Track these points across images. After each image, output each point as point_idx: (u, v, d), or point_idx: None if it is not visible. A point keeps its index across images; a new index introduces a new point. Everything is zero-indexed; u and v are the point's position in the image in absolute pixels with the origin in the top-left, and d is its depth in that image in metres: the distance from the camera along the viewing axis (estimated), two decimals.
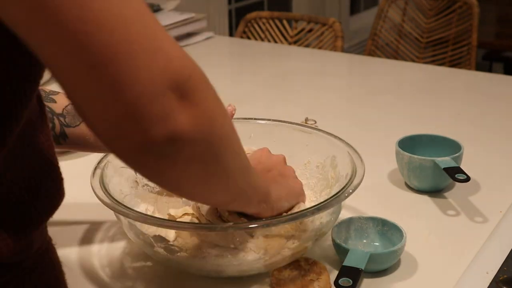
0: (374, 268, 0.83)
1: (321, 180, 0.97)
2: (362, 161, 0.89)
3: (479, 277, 0.82)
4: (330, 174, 0.95)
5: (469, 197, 1.04)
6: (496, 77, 1.78)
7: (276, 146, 0.91)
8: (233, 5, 3.30)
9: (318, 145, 0.98)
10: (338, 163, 0.94)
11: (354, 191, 0.82)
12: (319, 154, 0.98)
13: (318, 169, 0.98)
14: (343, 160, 0.92)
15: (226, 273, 0.82)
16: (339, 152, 0.94)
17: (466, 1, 2.47)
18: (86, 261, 0.88)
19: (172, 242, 0.81)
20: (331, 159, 0.96)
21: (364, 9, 4.44)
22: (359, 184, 0.83)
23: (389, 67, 1.88)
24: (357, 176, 0.85)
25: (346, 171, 0.89)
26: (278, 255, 0.81)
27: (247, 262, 0.79)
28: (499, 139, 1.29)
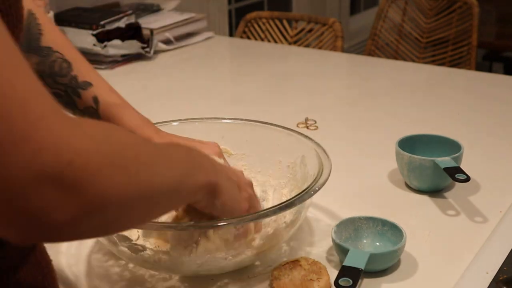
0: (374, 268, 0.83)
1: (291, 180, 0.98)
2: (329, 160, 0.89)
3: (479, 277, 0.82)
4: (299, 174, 0.96)
5: (469, 197, 1.04)
6: (496, 77, 1.78)
7: (248, 145, 0.91)
8: (233, 5, 3.30)
9: (288, 144, 0.99)
10: (307, 163, 0.95)
11: (318, 191, 0.83)
12: (290, 154, 0.99)
13: (289, 169, 0.99)
14: (311, 160, 0.93)
15: (190, 271, 0.83)
16: (308, 152, 0.95)
17: (466, 1, 2.47)
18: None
19: (135, 241, 0.82)
20: (301, 158, 0.97)
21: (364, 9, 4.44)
22: (323, 184, 0.84)
23: (389, 67, 1.88)
24: (322, 175, 0.86)
25: (314, 170, 0.90)
26: (242, 254, 0.81)
27: (211, 260, 0.80)
28: (499, 139, 1.29)
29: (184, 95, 1.62)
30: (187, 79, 1.76)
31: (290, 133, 1.00)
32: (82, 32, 1.86)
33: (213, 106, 1.52)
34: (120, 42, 1.86)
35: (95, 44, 1.83)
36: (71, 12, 1.97)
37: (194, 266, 0.81)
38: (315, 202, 1.03)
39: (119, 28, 1.90)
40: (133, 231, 0.84)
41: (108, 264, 0.88)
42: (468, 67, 2.46)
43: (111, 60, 1.85)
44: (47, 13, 1.66)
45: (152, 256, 0.80)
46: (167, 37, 2.02)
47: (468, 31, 2.47)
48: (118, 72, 1.82)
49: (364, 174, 1.15)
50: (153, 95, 1.64)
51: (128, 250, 0.81)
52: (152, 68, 1.87)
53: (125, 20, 1.92)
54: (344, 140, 1.32)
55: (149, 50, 1.91)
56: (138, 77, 1.80)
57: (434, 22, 2.60)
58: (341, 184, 1.11)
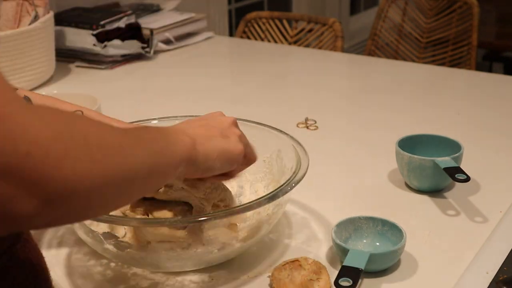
0: (374, 268, 0.83)
1: (267, 174, 0.99)
2: (306, 154, 0.91)
3: (479, 277, 0.82)
4: (275, 168, 0.97)
5: (469, 197, 1.04)
6: (496, 77, 1.78)
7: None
8: (233, 5, 3.30)
9: (264, 139, 1.00)
10: (283, 157, 0.96)
11: (299, 182, 0.84)
12: (265, 149, 0.99)
13: (265, 163, 1.00)
14: (288, 154, 0.95)
15: (178, 267, 0.83)
16: (284, 146, 0.96)
17: (466, 1, 2.47)
18: None
19: (122, 238, 0.82)
20: (277, 153, 0.98)
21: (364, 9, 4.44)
22: (303, 176, 0.85)
23: (389, 67, 1.88)
24: (301, 169, 0.87)
25: (291, 164, 0.91)
26: (228, 247, 0.82)
27: (197, 255, 0.81)
28: (499, 139, 1.29)
29: (184, 95, 1.62)
30: (187, 79, 1.76)
31: (264, 128, 1.02)
32: (82, 32, 1.86)
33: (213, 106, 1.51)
34: (120, 42, 1.86)
35: (95, 44, 1.83)
36: (71, 12, 1.97)
37: (180, 261, 0.82)
38: (315, 201, 1.03)
39: (119, 28, 1.90)
40: (119, 228, 0.84)
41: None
42: (468, 67, 2.46)
43: (111, 60, 1.85)
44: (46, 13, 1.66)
45: (138, 253, 0.80)
46: (167, 37, 2.02)
47: (468, 31, 2.47)
48: (118, 72, 1.82)
49: (364, 174, 1.15)
50: (153, 95, 1.64)
51: (114, 248, 0.81)
52: (152, 68, 1.87)
53: (125, 20, 1.92)
54: (344, 140, 1.32)
55: (149, 50, 1.91)
56: (138, 77, 1.80)
57: (434, 22, 2.60)
58: (341, 184, 1.11)
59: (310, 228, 0.96)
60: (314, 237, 0.93)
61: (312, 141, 1.29)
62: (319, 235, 0.93)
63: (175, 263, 0.83)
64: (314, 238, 0.93)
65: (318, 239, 0.92)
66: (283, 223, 0.97)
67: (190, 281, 0.84)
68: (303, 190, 1.06)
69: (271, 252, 0.89)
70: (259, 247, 0.90)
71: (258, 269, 0.85)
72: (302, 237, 0.93)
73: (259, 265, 0.86)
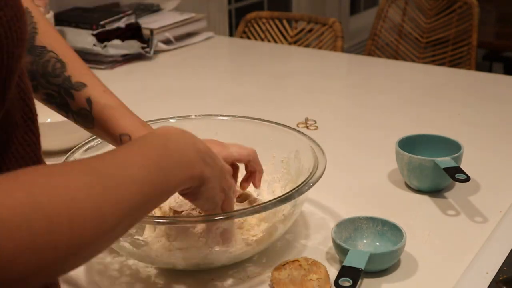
0: (374, 268, 0.83)
1: (285, 175, 0.99)
2: (324, 155, 0.92)
3: (479, 277, 0.82)
4: (293, 168, 0.98)
5: (469, 197, 1.04)
6: (496, 77, 1.78)
7: (242, 142, 0.92)
8: (233, 5, 3.30)
9: (282, 140, 1.01)
10: (301, 158, 0.96)
11: (316, 183, 0.84)
12: (283, 149, 1.00)
13: (282, 164, 1.00)
14: (306, 155, 0.95)
15: (193, 266, 0.83)
16: (302, 147, 0.97)
17: (466, 1, 2.47)
18: None
19: (137, 236, 0.83)
20: (295, 153, 0.98)
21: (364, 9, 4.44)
22: (320, 177, 0.86)
23: (389, 67, 1.88)
24: (318, 169, 0.87)
25: (309, 165, 0.91)
26: (243, 247, 0.82)
27: (212, 254, 0.81)
28: (499, 139, 1.29)
29: (184, 95, 1.62)
30: (187, 79, 1.76)
31: (283, 128, 1.02)
32: (82, 32, 1.86)
33: (213, 106, 1.52)
34: (120, 42, 1.86)
35: (95, 44, 1.83)
36: (71, 12, 1.97)
37: (196, 259, 0.81)
38: (315, 201, 1.03)
39: (119, 28, 1.90)
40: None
41: (107, 261, 0.88)
42: (468, 67, 2.46)
43: (111, 60, 1.85)
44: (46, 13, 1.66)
45: (155, 251, 0.80)
46: (167, 37, 2.02)
47: (468, 31, 2.47)
48: (118, 72, 1.82)
49: (364, 174, 1.15)
50: (153, 95, 1.64)
51: (130, 245, 0.81)
52: (152, 68, 1.87)
53: (125, 20, 1.92)
54: (344, 140, 1.32)
55: (149, 50, 1.91)
56: (138, 77, 1.80)
57: (434, 22, 2.60)
58: (341, 184, 1.11)
59: (310, 228, 0.96)
60: (314, 237, 0.93)
61: None
62: (319, 235, 0.93)
63: (191, 261, 0.82)
64: (314, 238, 0.93)
65: (318, 239, 0.92)
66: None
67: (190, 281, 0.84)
68: None
69: (271, 252, 0.89)
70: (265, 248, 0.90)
71: (258, 269, 0.85)
72: (302, 237, 0.93)
73: (259, 265, 0.86)
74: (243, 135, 1.00)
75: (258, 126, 1.04)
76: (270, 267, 0.85)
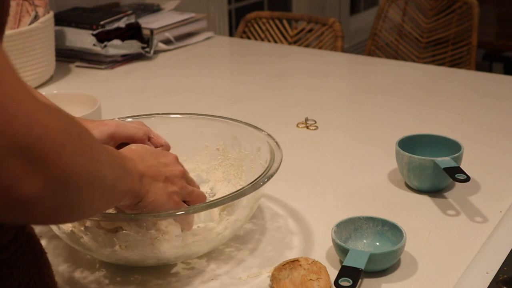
0: (374, 268, 0.83)
1: (224, 161, 1.02)
2: (265, 134, 0.94)
3: (479, 277, 0.82)
4: (232, 154, 1.01)
5: (469, 197, 1.04)
6: (496, 77, 1.78)
7: (169, 138, 0.94)
8: (233, 5, 3.30)
9: (212, 130, 1.04)
10: (241, 142, 1.00)
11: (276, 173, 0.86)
12: (217, 138, 1.03)
13: (218, 152, 1.03)
14: (245, 139, 0.99)
15: (138, 261, 0.83)
16: (238, 132, 1.00)
17: (466, 1, 2.47)
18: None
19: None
20: (232, 139, 1.01)
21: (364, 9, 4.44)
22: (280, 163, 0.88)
23: (389, 67, 1.88)
24: (276, 156, 0.89)
25: (251, 148, 0.97)
26: (192, 244, 0.83)
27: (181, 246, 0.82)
28: (499, 139, 1.29)
29: (184, 95, 1.62)
30: (187, 79, 1.76)
31: (211, 118, 1.05)
32: (82, 32, 1.86)
33: (213, 106, 1.52)
34: (120, 42, 1.86)
35: (95, 44, 1.83)
36: (71, 12, 1.97)
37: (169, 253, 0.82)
38: (315, 201, 1.03)
39: (119, 28, 1.90)
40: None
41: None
42: (468, 67, 2.46)
43: (111, 60, 1.85)
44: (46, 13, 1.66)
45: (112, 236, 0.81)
46: (167, 37, 2.02)
47: (468, 31, 2.47)
48: (118, 72, 1.82)
49: (364, 174, 1.15)
50: (153, 95, 1.64)
51: (67, 237, 0.82)
52: (152, 68, 1.87)
53: (125, 20, 1.92)
54: (344, 140, 1.32)
55: (149, 50, 1.91)
56: (138, 77, 1.80)
57: (434, 22, 2.60)
58: (341, 184, 1.11)
59: (310, 228, 0.96)
60: (314, 237, 0.93)
61: (312, 141, 1.29)
62: (319, 235, 0.93)
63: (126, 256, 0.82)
64: (314, 238, 0.93)
65: (318, 239, 0.92)
66: (283, 223, 0.97)
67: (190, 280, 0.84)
68: (303, 190, 1.06)
69: (271, 252, 0.89)
70: (259, 247, 0.90)
71: (258, 269, 0.85)
72: (302, 237, 0.93)
73: (259, 265, 0.86)
74: (168, 131, 1.01)
75: (182, 121, 1.07)
76: (270, 267, 0.85)
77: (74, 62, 1.87)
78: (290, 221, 0.98)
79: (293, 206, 1.01)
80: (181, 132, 1.05)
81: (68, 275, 0.86)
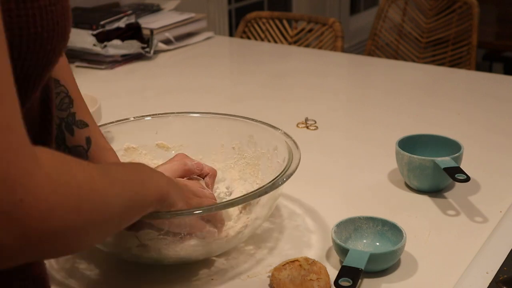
0: (374, 268, 0.83)
1: (239, 160, 1.02)
2: (298, 148, 0.93)
3: (479, 277, 0.82)
4: (248, 153, 1.01)
5: (469, 197, 1.04)
6: (496, 77, 1.78)
7: (184, 136, 0.96)
8: (233, 5, 3.30)
9: (228, 129, 1.04)
10: (256, 141, 1.00)
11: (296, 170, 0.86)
12: (232, 137, 1.03)
13: (234, 150, 1.03)
14: (261, 138, 0.99)
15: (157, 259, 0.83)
16: (255, 131, 1.00)
17: (466, 1, 2.47)
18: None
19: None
20: (248, 138, 1.01)
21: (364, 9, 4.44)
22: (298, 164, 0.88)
23: (389, 67, 1.88)
24: (294, 157, 0.90)
25: (267, 147, 0.97)
26: (213, 243, 0.83)
27: (199, 245, 0.82)
28: (499, 139, 1.29)
29: (184, 95, 1.62)
30: (187, 79, 1.76)
31: (227, 117, 1.05)
32: (82, 32, 1.86)
33: (213, 106, 1.52)
34: (120, 42, 1.86)
35: (95, 44, 1.83)
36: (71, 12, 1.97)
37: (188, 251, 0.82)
38: (315, 201, 1.03)
39: (119, 28, 1.90)
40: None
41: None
42: (468, 67, 2.46)
43: (111, 60, 1.85)
44: None
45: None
46: (167, 37, 2.02)
47: (468, 31, 2.47)
48: (118, 72, 1.82)
49: (364, 174, 1.15)
50: (153, 95, 1.64)
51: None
52: (152, 68, 1.87)
53: (125, 20, 1.92)
54: (344, 140, 1.32)
55: (149, 50, 1.91)
56: (138, 77, 1.80)
57: (434, 22, 2.60)
58: (341, 184, 1.11)
59: (310, 228, 0.96)
60: (314, 237, 0.93)
61: (312, 141, 1.29)
62: (319, 235, 0.93)
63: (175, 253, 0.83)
64: (314, 238, 0.93)
65: (318, 239, 0.92)
66: (283, 223, 0.97)
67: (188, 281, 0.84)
68: (303, 190, 1.06)
69: (271, 252, 0.90)
70: (259, 247, 0.90)
71: (258, 269, 0.85)
72: (302, 237, 0.93)
73: (259, 265, 0.87)
74: (183, 130, 1.03)
75: (198, 120, 1.07)
76: (270, 267, 0.85)
77: (74, 62, 1.87)
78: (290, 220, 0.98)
79: (293, 206, 1.01)
80: (196, 130, 1.06)
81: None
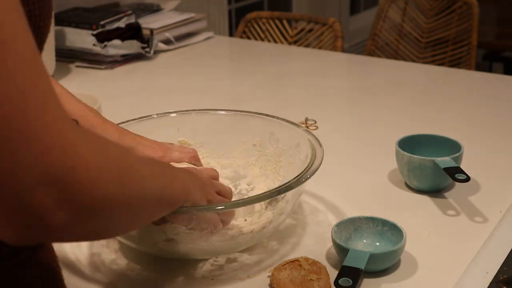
0: (374, 268, 0.83)
1: (261, 157, 1.03)
2: (321, 146, 0.94)
3: (479, 277, 0.82)
4: (270, 150, 1.02)
5: (469, 197, 1.04)
6: (496, 77, 1.78)
7: (205, 133, 0.98)
8: (233, 5, 3.30)
9: (248, 125, 1.05)
10: (278, 138, 1.00)
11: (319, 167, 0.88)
12: (253, 134, 1.04)
13: (255, 147, 1.03)
14: (283, 135, 1.00)
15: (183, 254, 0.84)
16: (276, 128, 1.01)
17: (466, 1, 2.47)
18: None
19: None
20: (270, 135, 1.01)
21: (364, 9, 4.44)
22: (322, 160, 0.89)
23: (389, 67, 1.88)
24: (317, 155, 0.91)
25: (289, 144, 0.98)
26: (240, 236, 0.83)
27: (215, 241, 0.82)
28: (499, 139, 1.29)
29: (184, 95, 1.62)
30: (187, 79, 1.76)
31: (248, 114, 1.06)
32: (82, 32, 1.86)
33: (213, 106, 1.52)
34: (120, 42, 1.86)
35: (95, 44, 1.83)
36: (71, 12, 1.97)
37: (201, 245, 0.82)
38: (315, 201, 1.03)
39: (119, 28, 1.90)
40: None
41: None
42: (468, 67, 2.46)
43: (111, 60, 1.85)
44: None
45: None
46: (167, 37, 2.02)
47: (468, 31, 2.47)
48: (118, 72, 1.82)
49: (364, 174, 1.15)
50: (153, 95, 1.64)
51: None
52: (152, 68, 1.87)
53: (125, 20, 1.92)
54: (344, 140, 1.32)
55: (149, 50, 1.91)
56: (138, 77, 1.80)
57: (434, 22, 2.60)
58: (341, 184, 1.11)
59: (310, 228, 0.96)
60: (314, 237, 0.93)
61: None
62: (319, 235, 0.93)
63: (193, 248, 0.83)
64: (314, 238, 0.93)
65: (318, 239, 0.92)
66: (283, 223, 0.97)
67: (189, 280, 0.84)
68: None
69: (271, 252, 0.90)
70: (259, 247, 0.90)
71: (258, 269, 0.85)
72: (302, 237, 0.93)
73: (259, 265, 0.86)
74: (204, 127, 1.04)
75: (219, 116, 1.09)
76: (270, 267, 0.85)
77: (74, 62, 1.87)
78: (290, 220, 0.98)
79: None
80: (218, 127, 1.07)
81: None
